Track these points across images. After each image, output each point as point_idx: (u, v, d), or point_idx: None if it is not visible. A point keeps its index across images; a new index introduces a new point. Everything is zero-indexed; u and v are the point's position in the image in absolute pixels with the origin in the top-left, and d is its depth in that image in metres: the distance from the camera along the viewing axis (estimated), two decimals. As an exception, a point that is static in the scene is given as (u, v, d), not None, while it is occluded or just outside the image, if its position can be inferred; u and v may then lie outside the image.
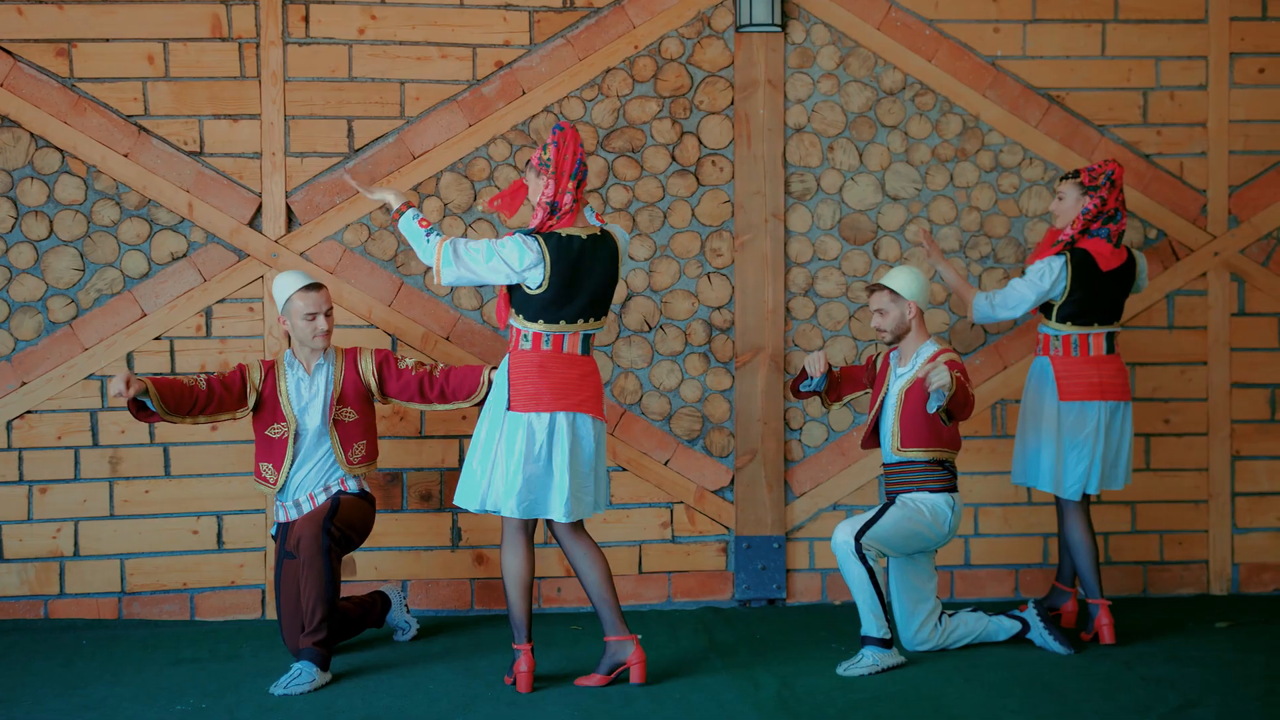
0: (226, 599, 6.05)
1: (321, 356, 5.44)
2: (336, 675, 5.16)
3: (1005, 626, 5.53)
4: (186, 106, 6.00)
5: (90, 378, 5.94)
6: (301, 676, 5.01)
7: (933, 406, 5.16)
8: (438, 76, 6.14)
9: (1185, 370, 6.52)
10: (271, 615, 6.01)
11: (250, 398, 5.38)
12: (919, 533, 5.33)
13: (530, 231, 4.93)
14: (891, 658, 5.25)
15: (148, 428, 5.95)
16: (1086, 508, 5.72)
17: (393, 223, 5.02)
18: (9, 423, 5.91)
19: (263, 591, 6.05)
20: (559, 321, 4.95)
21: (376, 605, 5.66)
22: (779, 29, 6.23)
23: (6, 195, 5.92)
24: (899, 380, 5.44)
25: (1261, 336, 6.54)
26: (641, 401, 6.26)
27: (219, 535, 6.03)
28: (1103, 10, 6.45)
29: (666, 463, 6.27)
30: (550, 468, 4.93)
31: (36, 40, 5.91)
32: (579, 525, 5.07)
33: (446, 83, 6.15)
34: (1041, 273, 5.64)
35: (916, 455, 5.36)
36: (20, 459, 5.93)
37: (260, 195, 6.04)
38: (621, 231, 5.16)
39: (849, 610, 5.85)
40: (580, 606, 6.16)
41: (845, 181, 6.35)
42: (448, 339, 6.15)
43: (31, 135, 5.91)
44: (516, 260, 4.87)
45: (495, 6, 6.17)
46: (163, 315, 5.99)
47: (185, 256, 6.01)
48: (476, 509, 4.98)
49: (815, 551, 6.33)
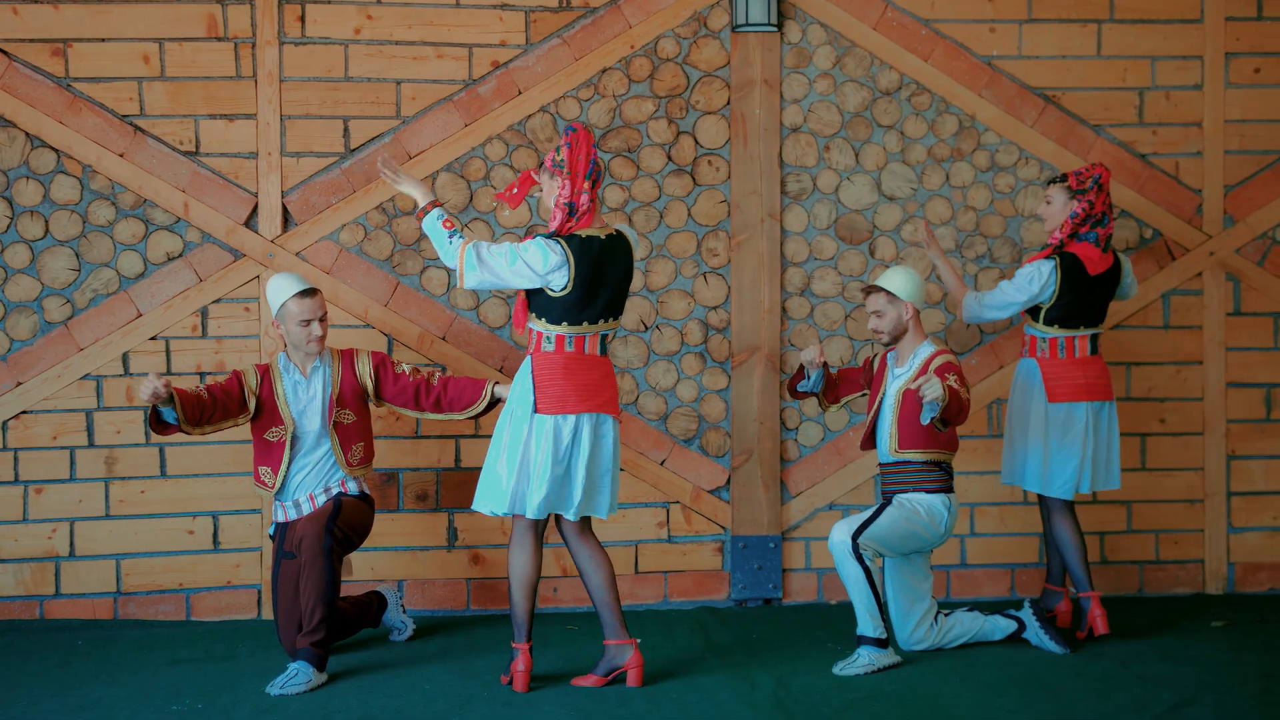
0: (222, 599, 6.04)
1: (317, 359, 5.44)
2: (332, 675, 5.16)
3: (1001, 626, 5.54)
4: (182, 106, 6.00)
5: (86, 378, 5.94)
6: (298, 677, 5.01)
7: (926, 418, 5.15)
8: (433, 76, 6.14)
9: (1181, 370, 6.52)
10: (267, 615, 6.00)
11: (250, 403, 5.37)
12: (915, 533, 5.33)
13: (552, 234, 4.92)
14: (887, 657, 5.25)
15: (143, 428, 5.94)
16: (1071, 504, 5.73)
17: (417, 219, 5.01)
18: (4, 423, 5.90)
19: (259, 592, 6.05)
20: (581, 323, 4.95)
21: (373, 605, 5.66)
22: (775, 29, 6.23)
23: (2, 195, 5.90)
24: (896, 381, 5.44)
25: (1257, 336, 6.55)
26: (638, 401, 6.26)
27: (215, 535, 6.03)
28: (1098, 10, 6.45)
29: (663, 462, 6.27)
30: (572, 468, 4.95)
31: (32, 40, 5.90)
32: (587, 526, 5.08)
33: (442, 82, 6.14)
34: (1030, 276, 5.65)
35: (914, 456, 5.36)
36: (16, 459, 5.92)
37: (256, 195, 6.03)
38: (632, 231, 5.17)
39: (845, 610, 5.85)
40: (577, 606, 6.16)
41: (841, 181, 6.35)
42: (444, 339, 6.14)
43: (27, 135, 5.91)
44: (541, 263, 4.85)
45: (491, 6, 6.16)
46: (158, 315, 5.98)
47: (181, 256, 6.00)
48: (505, 512, 4.95)
49: (811, 551, 6.33)
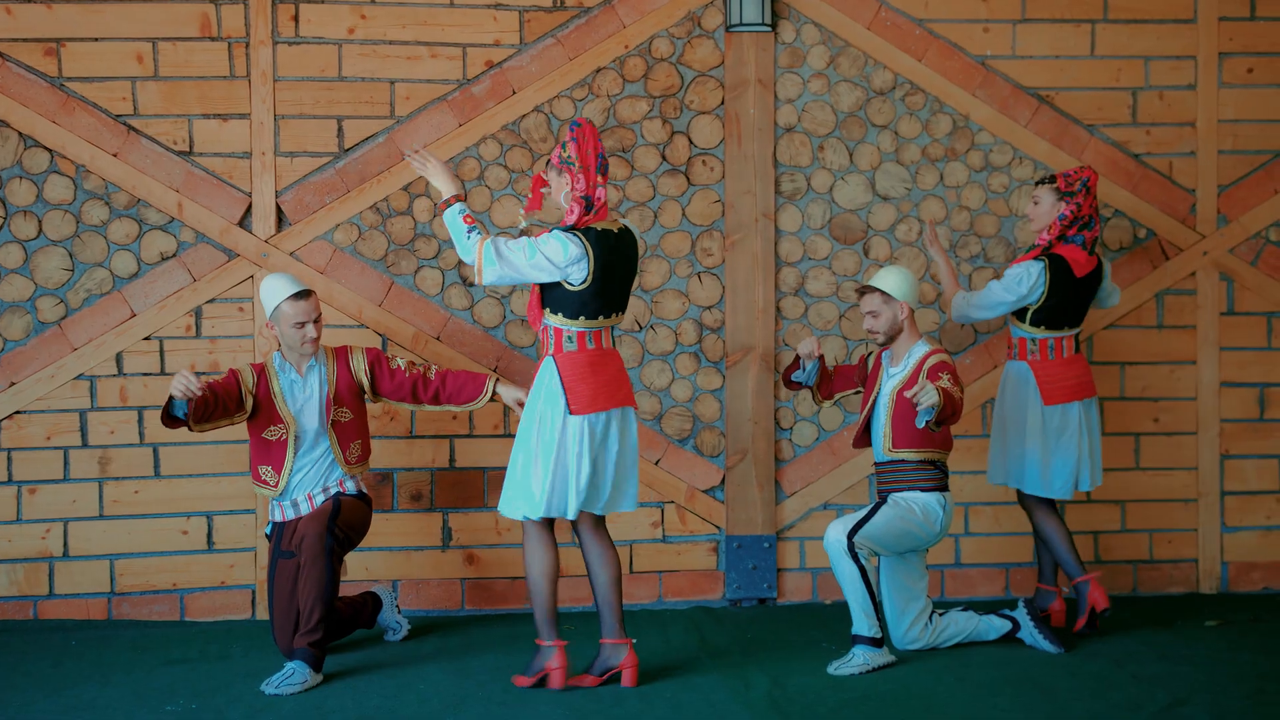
0: (216, 599, 6.03)
1: (312, 359, 5.43)
2: (327, 676, 5.15)
3: (996, 625, 5.54)
4: (176, 106, 5.99)
5: (79, 378, 5.93)
6: (294, 676, 5.00)
7: (920, 423, 5.16)
8: (428, 76, 6.13)
9: (1174, 369, 6.53)
10: (262, 615, 5.99)
11: (248, 402, 5.35)
12: (911, 532, 5.33)
13: (569, 228, 4.91)
14: (882, 657, 5.25)
15: (136, 428, 5.94)
16: (1052, 501, 5.79)
17: (439, 211, 5.01)
18: (-2, 423, 5.91)
19: (253, 592, 6.04)
20: (597, 317, 4.95)
21: (367, 606, 5.65)
22: (769, 29, 6.23)
23: (-5, 195, 5.91)
24: (891, 380, 5.44)
25: (1250, 336, 6.56)
26: (632, 401, 6.26)
27: (209, 535, 6.02)
28: (1092, 10, 6.46)
29: (657, 462, 6.27)
30: (604, 464, 4.97)
31: (25, 39, 5.89)
32: (602, 522, 5.09)
33: (436, 82, 6.14)
34: (1019, 277, 5.66)
35: (909, 455, 5.36)
36: (9, 459, 5.91)
37: (250, 195, 6.03)
38: (634, 227, 5.18)
39: (840, 609, 5.85)
40: (572, 606, 6.16)
41: (835, 181, 6.36)
42: (438, 339, 6.14)
43: (20, 135, 5.90)
44: (561, 256, 4.84)
45: (485, 6, 6.16)
46: (152, 315, 5.97)
47: (175, 256, 6.00)
48: (538, 516, 4.92)
49: (806, 551, 6.33)
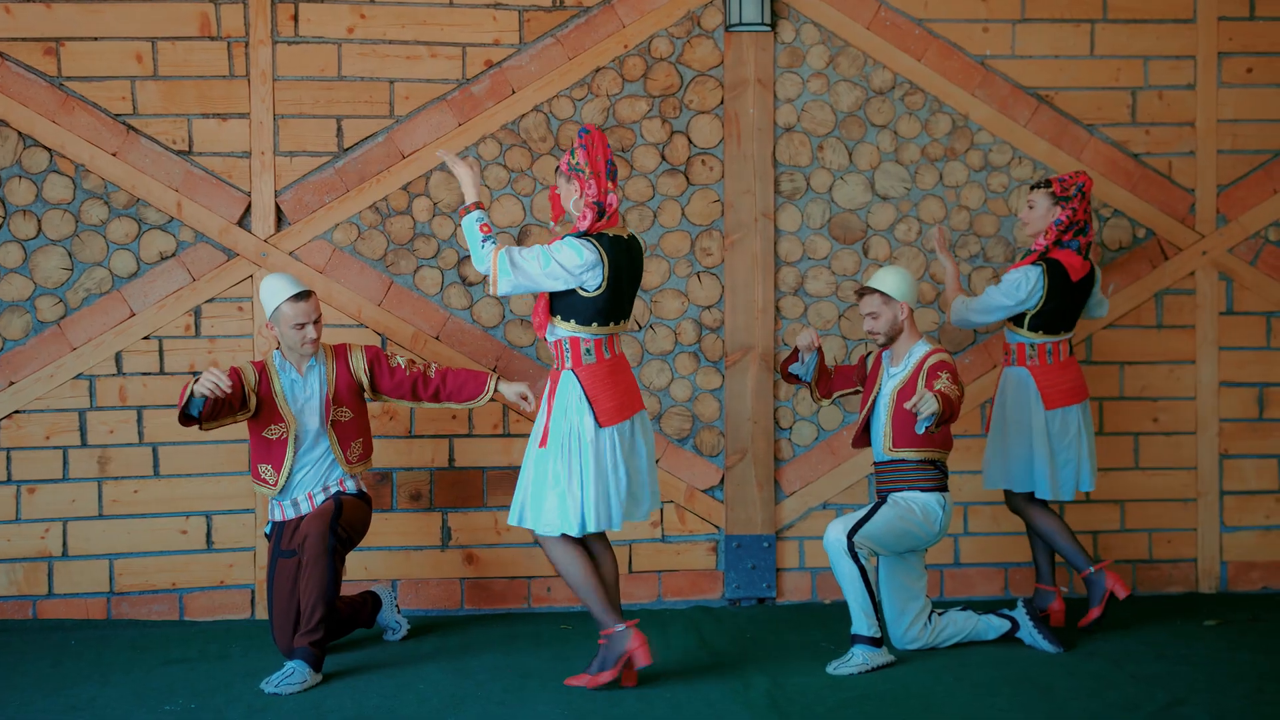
0: (216, 599, 6.03)
1: (312, 358, 5.43)
2: (326, 675, 5.15)
3: (995, 625, 5.54)
4: (175, 105, 5.99)
5: (79, 377, 5.93)
6: (294, 675, 5.00)
7: (920, 429, 5.18)
8: (427, 75, 6.13)
9: (1174, 369, 6.53)
10: (261, 615, 5.99)
11: (251, 399, 5.33)
12: (910, 532, 5.33)
13: (582, 234, 4.90)
14: (881, 656, 5.25)
15: (136, 428, 5.94)
16: (1043, 499, 5.81)
17: (460, 215, 5.03)
18: (-3, 422, 5.92)
19: (252, 591, 6.04)
20: (609, 324, 4.95)
21: (367, 605, 5.65)
22: (768, 28, 6.23)
23: (-6, 194, 5.91)
24: (891, 380, 5.44)
25: (1249, 335, 6.56)
26: (631, 401, 6.26)
27: (208, 535, 6.02)
28: (1091, 10, 6.46)
29: (656, 462, 6.26)
30: (635, 470, 5.01)
31: (24, 39, 5.89)
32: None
33: (436, 82, 6.14)
34: (1018, 282, 5.67)
35: (909, 455, 5.36)
36: (8, 459, 5.91)
37: (249, 194, 6.03)
38: (634, 231, 5.17)
39: (839, 609, 5.85)
40: (570, 606, 6.16)
41: (835, 181, 6.36)
42: (437, 338, 6.14)
43: (19, 134, 5.90)
44: (575, 262, 4.83)
45: (484, 5, 6.16)
46: (151, 314, 5.97)
47: (174, 256, 6.00)
48: (582, 532, 4.91)
49: (805, 550, 6.34)
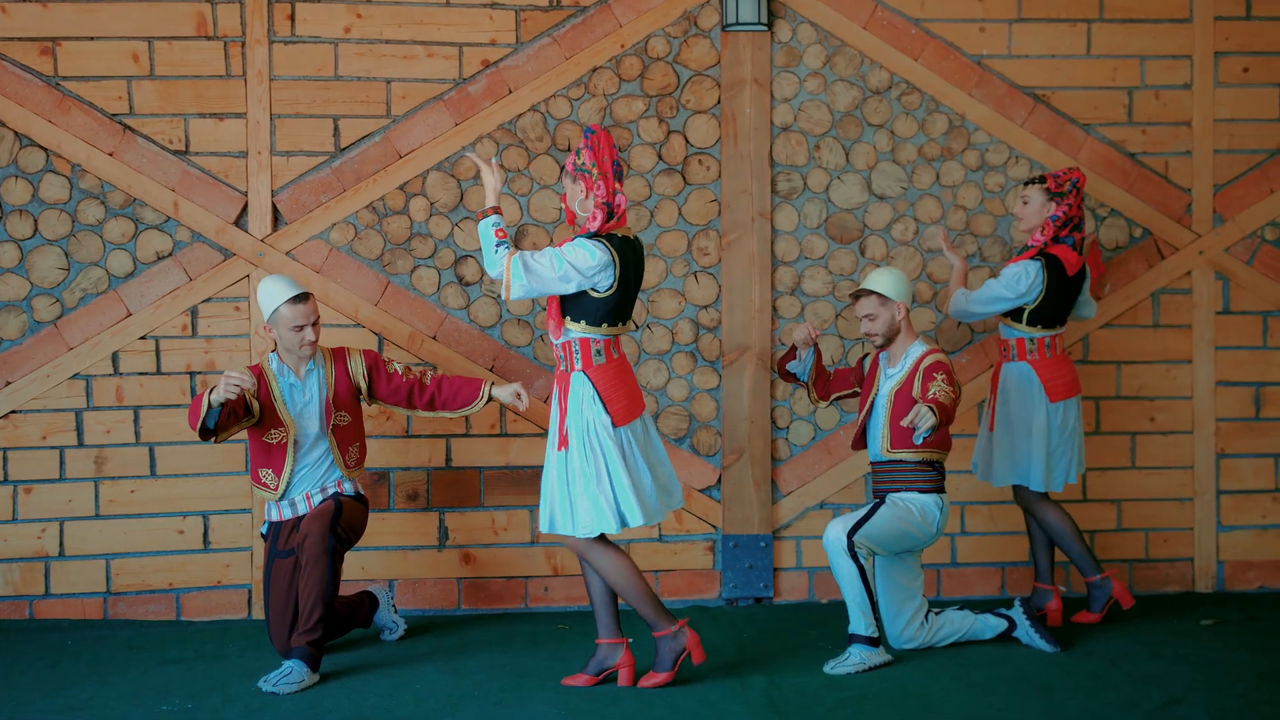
0: (212, 599, 6.03)
1: (310, 361, 5.42)
2: (323, 675, 5.14)
3: (991, 625, 5.54)
4: (172, 105, 5.98)
5: (75, 377, 5.92)
6: (292, 675, 5.00)
7: (919, 440, 5.20)
8: (424, 75, 6.13)
9: (1170, 368, 6.54)
10: (258, 615, 5.99)
11: (254, 406, 5.29)
12: (908, 532, 5.34)
13: (592, 235, 4.89)
14: (878, 656, 5.25)
15: (133, 428, 5.93)
16: (1047, 495, 5.86)
17: (477, 218, 5.06)
18: (-7, 423, 5.91)
19: (249, 591, 6.04)
20: (618, 324, 4.96)
21: (364, 605, 5.65)
22: (765, 28, 6.23)
23: (-10, 194, 5.91)
24: (889, 381, 5.43)
25: (1246, 335, 6.56)
26: (628, 400, 6.26)
27: (205, 535, 6.02)
28: (1088, 10, 6.46)
29: (653, 461, 6.27)
30: (656, 464, 5.05)
31: (20, 39, 5.89)
32: None
33: (433, 81, 6.14)
34: (1018, 276, 5.69)
35: (907, 456, 5.36)
36: (5, 459, 5.90)
37: (246, 194, 6.02)
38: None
39: (836, 608, 5.86)
40: (568, 606, 6.16)
41: (832, 180, 6.36)
42: (434, 338, 6.14)
43: (15, 134, 5.89)
44: (588, 263, 4.82)
45: (481, 5, 6.16)
46: (148, 314, 5.97)
47: (171, 256, 5.99)
48: (619, 528, 4.91)
49: (802, 550, 6.34)
